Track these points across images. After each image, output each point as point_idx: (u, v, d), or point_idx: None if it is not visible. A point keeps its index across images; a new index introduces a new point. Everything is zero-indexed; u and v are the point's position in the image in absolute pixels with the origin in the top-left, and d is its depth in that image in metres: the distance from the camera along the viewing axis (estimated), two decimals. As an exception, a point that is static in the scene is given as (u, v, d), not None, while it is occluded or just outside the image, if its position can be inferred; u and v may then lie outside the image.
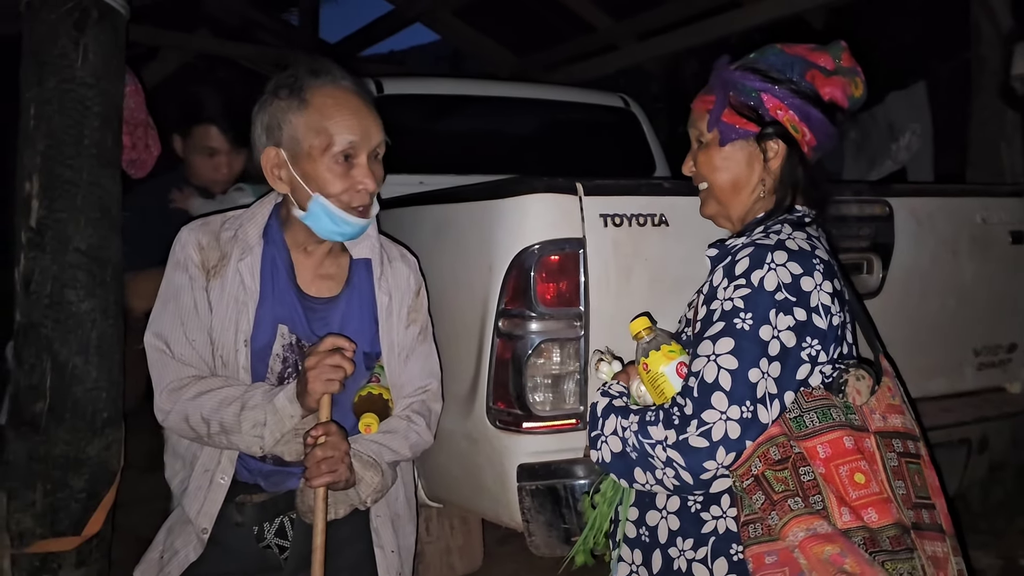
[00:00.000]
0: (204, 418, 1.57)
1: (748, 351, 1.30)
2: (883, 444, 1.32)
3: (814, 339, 1.32)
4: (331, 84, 1.61)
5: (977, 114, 4.38)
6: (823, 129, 1.43)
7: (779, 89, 1.43)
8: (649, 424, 1.35)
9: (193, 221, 1.71)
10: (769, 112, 1.44)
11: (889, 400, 1.38)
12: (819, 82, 1.43)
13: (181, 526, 1.69)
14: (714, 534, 1.38)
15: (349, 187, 1.59)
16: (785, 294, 1.31)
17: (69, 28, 2.27)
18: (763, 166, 1.46)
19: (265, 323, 1.65)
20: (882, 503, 1.26)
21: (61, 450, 2.32)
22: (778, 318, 1.30)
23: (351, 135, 1.58)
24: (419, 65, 11.86)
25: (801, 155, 1.45)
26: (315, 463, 1.51)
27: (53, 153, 2.25)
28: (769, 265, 1.32)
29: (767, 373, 1.30)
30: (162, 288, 1.67)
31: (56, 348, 2.29)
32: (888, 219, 2.33)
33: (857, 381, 1.33)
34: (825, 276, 1.35)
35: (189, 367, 1.62)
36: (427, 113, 3.69)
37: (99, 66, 2.31)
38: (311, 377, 1.51)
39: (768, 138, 1.44)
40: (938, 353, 2.48)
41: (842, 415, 1.31)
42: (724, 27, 5.59)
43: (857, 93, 1.45)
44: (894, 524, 1.25)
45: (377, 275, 1.75)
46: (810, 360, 1.32)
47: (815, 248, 1.38)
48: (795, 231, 1.39)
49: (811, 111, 1.42)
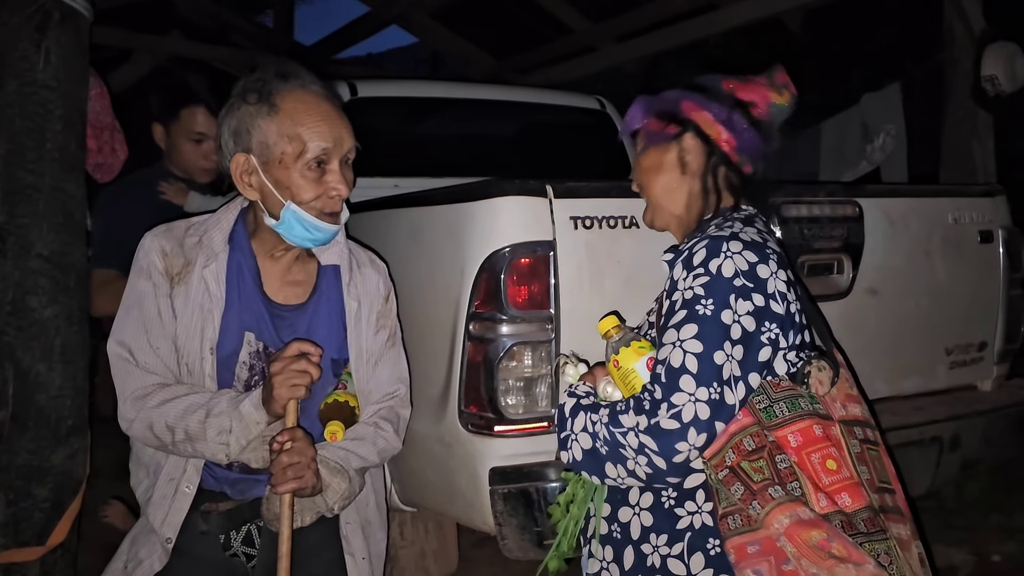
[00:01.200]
0: (169, 426, 1.54)
1: (711, 335, 1.33)
2: (846, 432, 1.37)
3: (773, 323, 1.36)
4: (300, 88, 1.58)
5: (950, 115, 4.42)
6: (742, 132, 1.50)
7: (696, 95, 1.52)
8: (620, 414, 1.37)
9: (157, 227, 1.68)
10: (683, 113, 1.52)
11: (848, 391, 1.43)
12: (738, 87, 1.51)
13: (145, 536, 1.66)
14: (690, 529, 1.39)
15: (322, 193, 1.57)
16: (743, 280, 1.35)
17: (30, 31, 2.23)
18: (681, 162, 1.53)
19: (231, 330, 1.63)
20: (853, 487, 1.30)
21: (24, 459, 2.27)
22: (737, 303, 1.34)
23: (324, 141, 1.55)
24: (397, 68, 11.84)
25: (723, 155, 1.51)
26: (280, 469, 1.49)
27: (14, 157, 2.21)
28: (725, 253, 1.37)
29: (731, 356, 1.33)
30: (125, 295, 1.63)
31: (19, 355, 2.25)
32: (858, 219, 2.34)
33: (819, 372, 1.37)
34: (779, 265, 1.40)
35: (153, 375, 1.59)
36: (402, 116, 3.67)
37: (61, 69, 2.27)
38: (276, 383, 1.49)
39: (682, 136, 1.52)
40: (910, 352, 2.50)
41: (809, 404, 1.35)
42: (702, 29, 5.61)
43: (780, 101, 1.50)
44: (866, 507, 1.29)
45: (346, 281, 1.73)
46: (771, 343, 1.36)
47: (767, 240, 1.43)
48: (746, 226, 1.44)
49: (726, 113, 1.49)
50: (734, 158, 1.51)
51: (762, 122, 1.50)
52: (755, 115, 1.49)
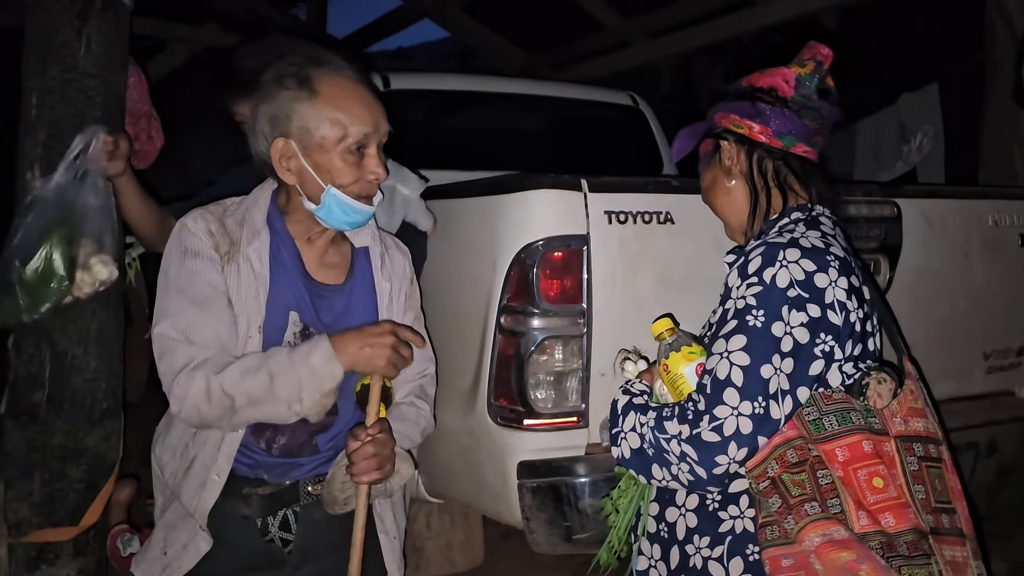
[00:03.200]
0: (227, 392, 1.50)
1: (760, 347, 1.31)
2: (903, 448, 1.32)
3: (828, 335, 1.32)
4: (335, 73, 1.58)
5: (990, 116, 4.34)
6: (769, 115, 1.46)
7: (720, 104, 1.53)
8: (665, 420, 1.37)
9: (193, 210, 1.66)
10: (716, 124, 1.54)
11: (911, 404, 1.37)
12: (754, 78, 1.50)
13: (182, 521, 1.65)
14: (731, 533, 1.39)
15: (360, 177, 1.57)
16: (798, 291, 1.31)
17: (72, 18, 2.26)
18: (724, 169, 1.52)
19: (276, 309, 1.62)
20: (900, 508, 1.26)
21: (59, 440, 2.31)
22: (791, 314, 1.31)
23: (364, 126, 1.55)
24: (428, 62, 11.86)
25: (763, 147, 1.48)
26: (366, 459, 1.49)
27: (54, 143, 2.24)
28: (781, 262, 1.33)
29: (779, 369, 1.30)
30: (169, 279, 1.60)
31: (55, 338, 2.28)
32: (896, 220, 2.31)
33: (879, 384, 1.32)
34: (841, 272, 1.35)
35: (204, 349, 1.55)
36: (434, 109, 3.67)
37: (102, 56, 2.30)
38: (383, 354, 1.51)
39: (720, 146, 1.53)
40: (947, 356, 2.46)
41: (861, 418, 1.31)
42: (736, 26, 5.57)
43: (802, 71, 1.47)
44: (911, 529, 1.25)
45: (378, 263, 1.75)
46: (824, 356, 1.32)
47: (829, 245, 1.38)
48: (809, 229, 1.40)
49: (751, 105, 1.48)
50: (777, 143, 1.47)
51: (791, 99, 1.46)
52: (780, 95, 1.46)
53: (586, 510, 1.95)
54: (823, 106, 1.48)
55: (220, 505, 1.62)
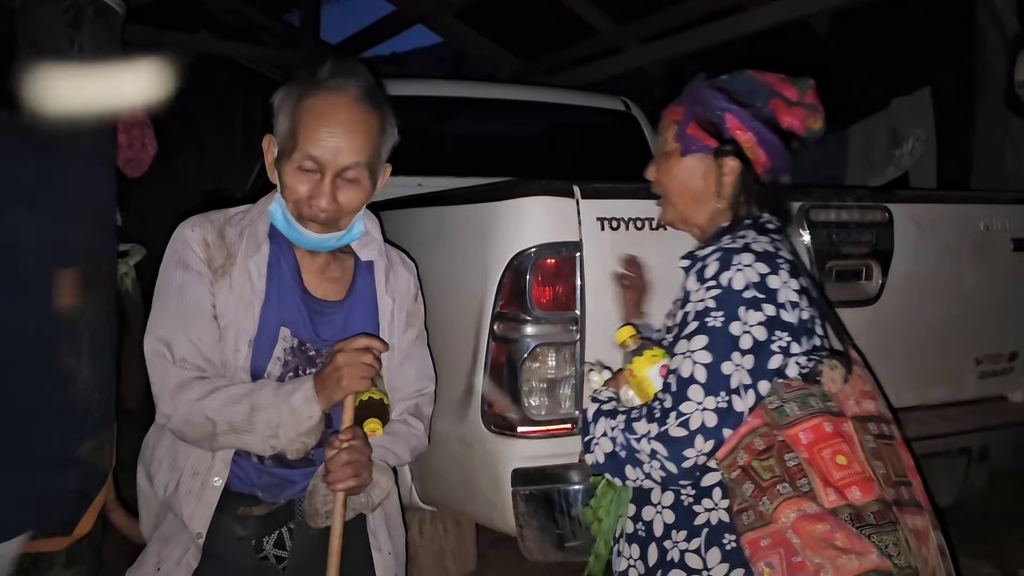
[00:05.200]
0: (209, 418, 1.51)
1: (720, 346, 1.38)
2: (860, 427, 1.39)
3: (784, 332, 1.40)
4: (334, 91, 1.55)
5: (981, 120, 4.36)
6: (777, 154, 1.54)
7: (742, 111, 1.52)
8: (634, 421, 1.43)
9: (193, 216, 1.65)
10: (729, 131, 1.53)
11: (862, 387, 1.45)
12: (781, 111, 1.52)
13: (175, 534, 1.63)
14: (707, 525, 1.44)
15: (303, 198, 1.55)
16: (754, 292, 1.39)
17: (64, 26, 2.25)
18: (718, 181, 1.55)
19: (268, 324, 1.61)
20: (864, 481, 1.33)
21: (52, 450, 2.30)
22: (748, 314, 1.38)
23: (313, 150, 1.52)
24: (421, 67, 11.87)
25: (755, 175, 1.54)
26: (341, 467, 1.47)
27: (47, 151, 2.24)
28: (736, 266, 1.41)
29: (740, 365, 1.38)
30: (160, 288, 1.60)
31: (48, 347, 2.27)
32: (888, 225, 2.32)
33: (831, 371, 1.41)
34: (791, 274, 1.43)
35: (191, 369, 1.56)
36: (426, 115, 3.67)
37: (94, 64, 2.30)
38: (346, 373, 1.47)
39: (725, 155, 1.53)
40: (938, 361, 2.46)
41: (820, 402, 1.38)
42: (728, 31, 5.58)
43: (816, 126, 1.54)
44: (876, 500, 1.32)
45: (382, 279, 1.73)
46: (782, 351, 1.40)
47: (779, 250, 1.46)
48: (759, 235, 1.48)
49: (768, 136, 1.51)
50: (764, 177, 1.55)
51: (793, 144, 1.53)
52: (792, 142, 1.53)
53: (579, 518, 1.95)
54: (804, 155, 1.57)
55: (215, 522, 1.61)
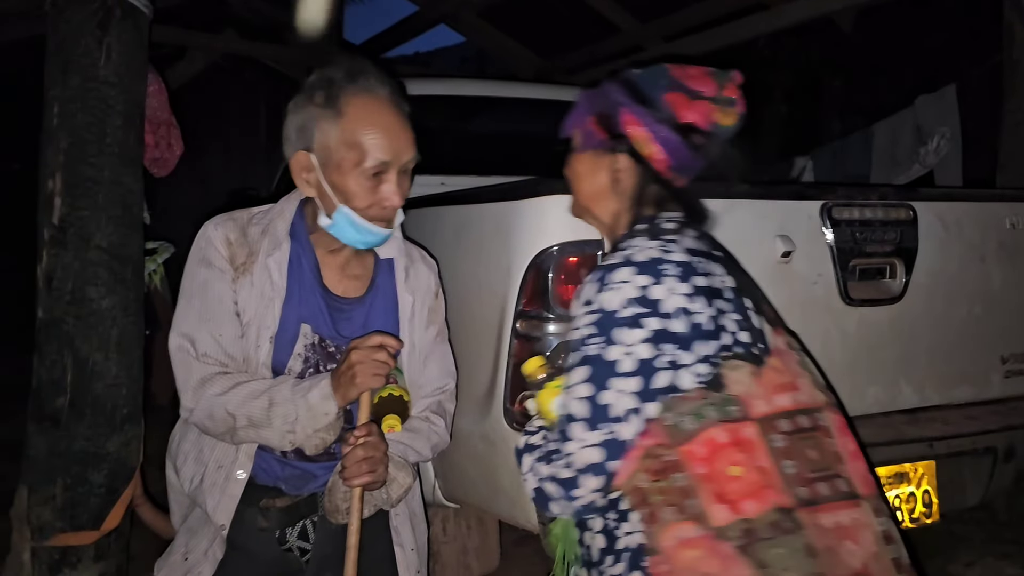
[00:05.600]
0: (230, 413, 1.55)
1: (599, 375, 1.33)
2: (767, 427, 1.31)
3: (671, 344, 1.32)
4: (367, 93, 1.57)
5: (1008, 118, 4.30)
6: (677, 151, 1.45)
7: (637, 106, 1.45)
8: (539, 462, 1.41)
9: (217, 216, 1.68)
10: (620, 126, 1.46)
11: (777, 380, 1.36)
12: (680, 105, 1.44)
13: (201, 525, 1.67)
14: (627, 549, 1.38)
15: (375, 203, 1.58)
16: (634, 308, 1.32)
17: (93, 27, 2.29)
18: (613, 178, 1.50)
19: (289, 321, 1.64)
20: (759, 491, 1.26)
21: (81, 445, 2.34)
22: (628, 334, 1.32)
23: (383, 155, 1.55)
24: (444, 66, 11.90)
25: (655, 173, 1.47)
26: (356, 463, 1.49)
27: (76, 151, 2.28)
28: (611, 286, 1.34)
29: (622, 390, 1.32)
30: (185, 285, 1.64)
31: (77, 344, 2.32)
32: (912, 223, 2.30)
33: (732, 372, 1.33)
34: (680, 279, 1.34)
35: (214, 364, 1.60)
36: (448, 114, 3.68)
37: (122, 65, 2.34)
38: (359, 370, 1.49)
39: (618, 151, 1.47)
40: (963, 360, 2.44)
41: (716, 411, 1.31)
42: (751, 29, 5.54)
43: (725, 122, 1.44)
44: (774, 509, 1.25)
45: (402, 276, 1.75)
46: (670, 366, 1.33)
47: (669, 253, 1.37)
48: (651, 240, 1.39)
49: (664, 132, 1.43)
50: (667, 176, 1.47)
51: (702, 144, 1.45)
52: (695, 139, 1.44)
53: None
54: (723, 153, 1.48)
55: (239, 513, 1.64)
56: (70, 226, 2.30)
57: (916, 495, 2.20)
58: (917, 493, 2.20)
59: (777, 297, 2.11)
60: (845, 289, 2.18)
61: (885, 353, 2.27)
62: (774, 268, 2.10)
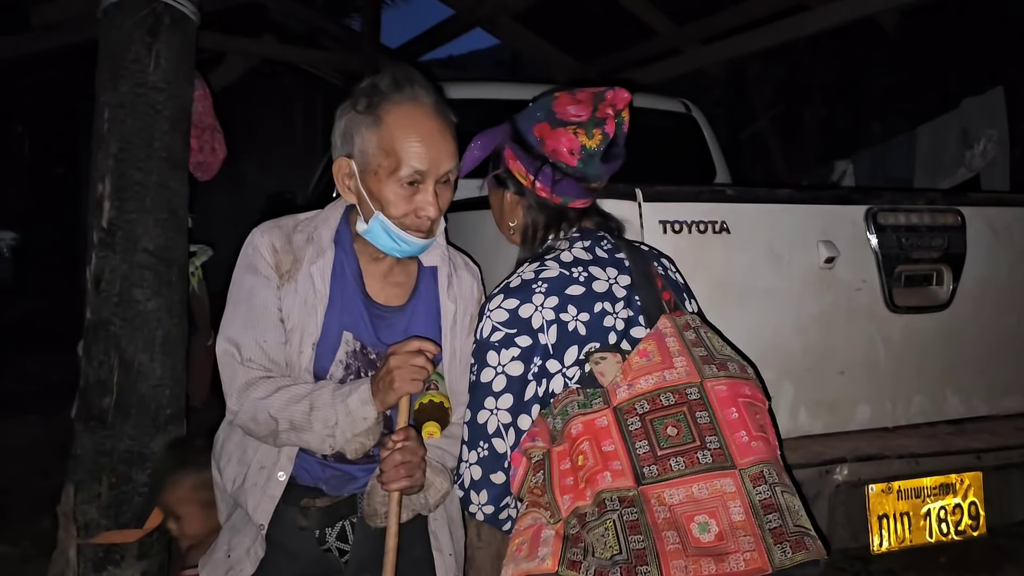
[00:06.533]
0: (272, 416, 1.56)
1: (475, 398, 1.49)
2: (623, 413, 1.36)
3: (541, 357, 1.45)
4: (410, 102, 1.58)
5: (1057, 121, 4.21)
6: (550, 180, 1.56)
7: (512, 143, 1.60)
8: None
9: (264, 223, 1.70)
10: (504, 162, 1.62)
11: (641, 364, 1.41)
12: (544, 135, 1.56)
13: (243, 524, 1.70)
14: None
15: (411, 211, 1.58)
16: (504, 331, 1.46)
17: (143, 34, 2.33)
18: (510, 210, 1.65)
19: (331, 328, 1.65)
20: (593, 476, 1.31)
21: (126, 445, 2.38)
22: (499, 355, 1.46)
23: (419, 164, 1.55)
24: (478, 70, 11.92)
25: (540, 201, 1.59)
26: (394, 467, 1.50)
27: (125, 156, 2.32)
28: (486, 314, 1.50)
29: (496, 408, 1.46)
30: (232, 291, 1.67)
31: (123, 345, 2.35)
32: (960, 229, 2.25)
33: (597, 364, 1.43)
34: (549, 293, 1.47)
35: (258, 369, 1.62)
36: (486, 117, 3.68)
37: (170, 71, 2.38)
38: (397, 375, 1.50)
39: (504, 187, 1.63)
40: (1012, 369, 2.38)
41: (577, 406, 1.39)
42: (792, 31, 5.47)
43: (590, 144, 1.54)
44: (602, 491, 1.30)
45: (445, 283, 1.75)
46: (537, 378, 1.45)
47: (543, 271, 1.50)
48: (531, 264, 1.53)
49: (538, 165, 1.56)
50: (556, 200, 1.58)
51: (574, 168, 1.54)
52: (563, 164, 1.54)
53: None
54: (609, 167, 1.57)
55: (280, 512, 1.66)
56: (118, 229, 2.34)
57: (962, 507, 2.15)
58: (963, 505, 2.15)
59: (819, 304, 2.10)
60: (890, 296, 2.15)
61: (931, 362, 2.23)
62: (816, 274, 2.08)
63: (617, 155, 1.57)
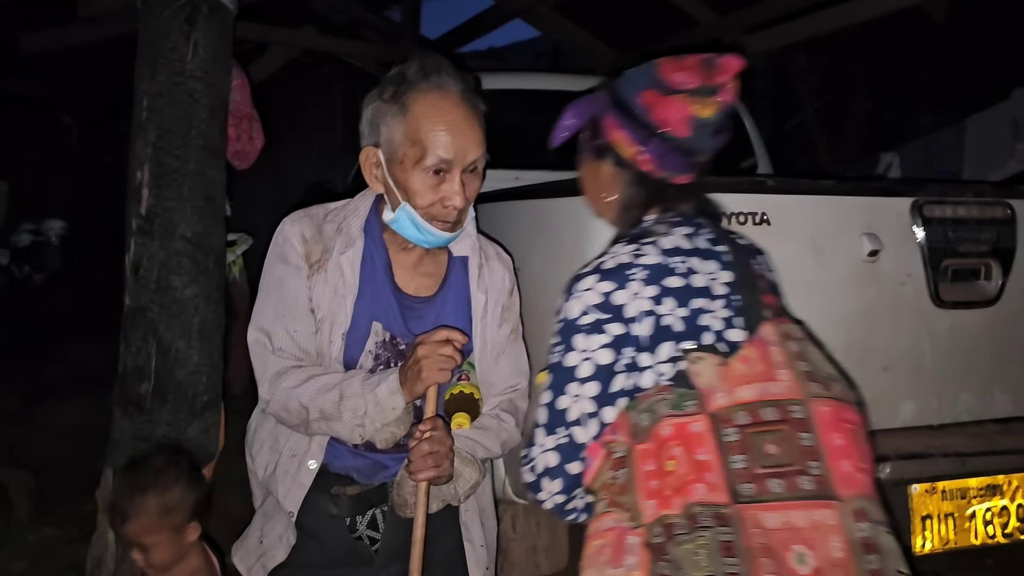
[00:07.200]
0: (303, 405, 1.57)
1: (557, 381, 1.38)
2: (722, 420, 1.26)
3: (633, 348, 1.35)
4: (437, 91, 1.57)
5: (1114, 111, 4.07)
6: (658, 151, 1.43)
7: (615, 111, 1.47)
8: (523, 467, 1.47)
9: (295, 212, 1.71)
10: (604, 132, 1.48)
11: (743, 371, 1.31)
12: (653, 103, 1.43)
13: (277, 512, 1.71)
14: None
15: (436, 201, 1.57)
16: (595, 315, 1.35)
17: (181, 23, 2.36)
18: (604, 185, 1.51)
19: (361, 319, 1.65)
20: (685, 485, 1.22)
21: (163, 430, 2.41)
22: (588, 340, 1.35)
23: (444, 153, 1.54)
24: (518, 61, 11.89)
25: (643, 175, 1.46)
26: (421, 457, 1.50)
27: (163, 144, 2.35)
28: (575, 294, 1.39)
29: (579, 395, 1.36)
30: (264, 281, 1.67)
31: (161, 332, 2.38)
32: (1010, 222, 2.18)
33: (694, 364, 1.32)
34: (647, 282, 1.36)
35: (289, 358, 1.62)
36: (523, 108, 3.66)
37: (208, 60, 2.39)
38: (425, 365, 1.49)
39: (603, 158, 1.49)
40: (1064, 368, 2.31)
41: (668, 407, 1.29)
42: (838, 19, 5.35)
43: (703, 114, 1.40)
44: (695, 504, 1.20)
45: (475, 274, 1.74)
46: (627, 369, 1.35)
47: (640, 256, 1.38)
48: (627, 246, 1.41)
49: (642, 134, 1.43)
50: (658, 175, 1.45)
51: (686, 139, 1.41)
52: (672, 136, 1.41)
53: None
54: (718, 139, 1.44)
55: (311, 500, 1.67)
56: (156, 216, 2.37)
57: (1009, 509, 2.09)
58: (1011, 507, 2.09)
59: (862, 297, 2.04)
60: (936, 290, 2.09)
61: (978, 358, 2.17)
62: (860, 267, 2.03)
63: (726, 126, 1.45)
